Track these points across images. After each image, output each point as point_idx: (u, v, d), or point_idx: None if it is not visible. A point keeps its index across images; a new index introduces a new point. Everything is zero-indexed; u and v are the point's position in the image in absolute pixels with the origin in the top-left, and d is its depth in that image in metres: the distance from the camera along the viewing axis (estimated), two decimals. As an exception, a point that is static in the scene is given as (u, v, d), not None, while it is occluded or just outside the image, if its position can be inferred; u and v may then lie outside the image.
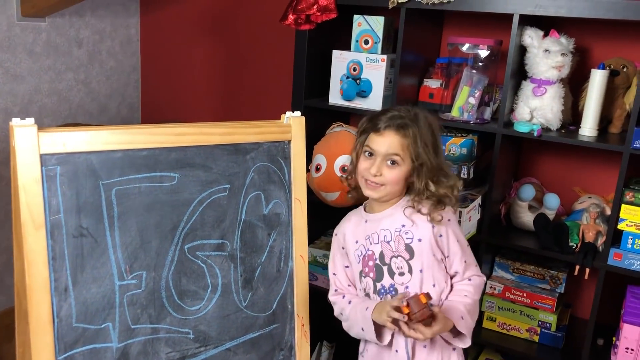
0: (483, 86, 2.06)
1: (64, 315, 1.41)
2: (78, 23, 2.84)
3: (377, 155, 1.47)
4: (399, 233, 1.51)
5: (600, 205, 2.03)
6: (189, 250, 1.59)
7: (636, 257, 1.84)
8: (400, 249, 1.51)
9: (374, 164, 1.46)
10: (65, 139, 1.39)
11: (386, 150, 1.45)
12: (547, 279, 2.14)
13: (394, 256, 1.51)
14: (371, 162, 1.47)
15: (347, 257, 1.62)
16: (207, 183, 1.60)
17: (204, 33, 2.95)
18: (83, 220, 1.42)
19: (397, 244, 1.51)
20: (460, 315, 1.47)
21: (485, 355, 2.28)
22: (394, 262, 1.51)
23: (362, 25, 2.21)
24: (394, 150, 1.45)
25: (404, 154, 1.45)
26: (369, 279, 1.57)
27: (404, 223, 1.51)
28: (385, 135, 1.45)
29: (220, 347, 1.66)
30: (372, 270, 1.55)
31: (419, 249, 1.50)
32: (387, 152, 1.45)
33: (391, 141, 1.45)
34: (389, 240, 1.52)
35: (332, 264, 1.66)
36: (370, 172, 1.47)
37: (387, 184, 1.47)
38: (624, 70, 1.99)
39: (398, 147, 1.45)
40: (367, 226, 1.57)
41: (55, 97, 2.81)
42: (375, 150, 1.47)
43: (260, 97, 2.86)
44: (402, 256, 1.51)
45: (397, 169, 1.46)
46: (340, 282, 1.65)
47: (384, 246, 1.53)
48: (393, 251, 1.51)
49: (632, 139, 1.78)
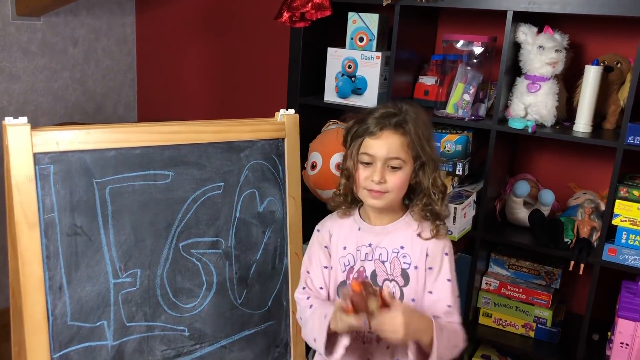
0: (478, 83, 2.07)
1: (59, 314, 1.42)
2: (73, 22, 2.84)
3: (376, 160, 1.33)
4: (396, 255, 1.39)
5: (595, 201, 2.03)
6: (183, 248, 1.59)
7: (630, 252, 1.85)
8: (396, 273, 1.38)
9: (376, 171, 1.32)
10: (58, 138, 1.39)
11: (387, 154, 1.32)
12: (542, 274, 2.15)
13: (387, 279, 1.39)
14: (371, 170, 1.33)
15: (329, 258, 1.46)
16: (201, 181, 1.61)
17: (200, 31, 2.95)
18: (77, 219, 1.43)
19: (393, 267, 1.39)
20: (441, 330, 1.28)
21: (481, 351, 2.29)
22: (387, 285, 1.38)
23: (357, 22, 2.21)
24: (395, 152, 1.32)
25: (405, 154, 1.33)
26: None
27: (403, 244, 1.39)
28: (383, 137, 1.32)
29: (215, 345, 1.67)
30: None
31: (415, 276, 1.38)
32: (387, 155, 1.32)
33: (390, 143, 1.32)
34: (384, 260, 1.39)
35: (308, 261, 1.49)
36: (373, 181, 1.32)
37: (392, 190, 1.33)
38: (618, 66, 1.99)
39: (399, 148, 1.32)
40: (360, 235, 1.42)
41: (50, 96, 2.81)
42: (374, 156, 1.33)
43: (256, 95, 2.86)
44: (397, 281, 1.38)
45: (400, 172, 1.33)
46: (312, 282, 1.47)
47: (377, 265, 1.39)
48: (388, 274, 1.39)
49: (626, 135, 1.78)
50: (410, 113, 1.35)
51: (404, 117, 1.34)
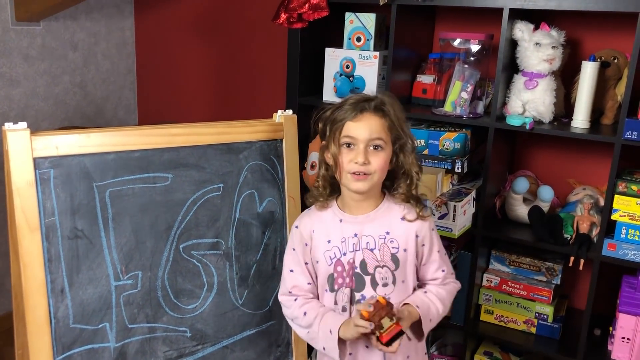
0: (475, 80, 2.07)
1: (61, 317, 1.43)
2: (73, 26, 2.85)
3: (358, 142, 1.35)
4: (383, 241, 1.41)
5: (594, 197, 2.04)
6: (184, 250, 1.60)
7: (630, 247, 1.85)
8: (386, 259, 1.41)
9: (359, 153, 1.34)
10: (58, 142, 1.40)
11: (369, 135, 1.34)
12: (543, 270, 2.15)
13: (379, 266, 1.41)
14: (355, 152, 1.35)
15: (309, 254, 1.47)
16: (201, 183, 1.62)
17: (199, 33, 2.97)
18: (78, 222, 1.44)
19: (383, 253, 1.41)
20: (429, 318, 1.41)
21: (483, 347, 2.29)
22: (379, 272, 1.41)
23: (354, 22, 2.22)
24: (377, 133, 1.35)
25: (385, 135, 1.36)
26: (346, 289, 1.42)
27: (388, 230, 1.42)
28: (364, 119, 1.35)
29: (217, 345, 1.68)
30: (351, 280, 1.42)
31: (404, 259, 1.42)
32: (370, 137, 1.34)
33: (372, 124, 1.35)
34: (372, 248, 1.41)
35: (290, 259, 1.50)
36: (357, 163, 1.34)
37: (375, 171, 1.36)
38: (614, 61, 1.99)
39: (380, 129, 1.35)
40: (344, 227, 1.43)
41: (51, 100, 2.82)
42: (356, 138, 1.34)
43: (255, 97, 2.87)
44: (388, 266, 1.41)
45: (382, 152, 1.36)
46: (297, 281, 1.48)
47: (366, 254, 1.41)
48: (378, 261, 1.41)
49: (624, 130, 1.78)
50: (385, 97, 1.40)
51: (381, 100, 1.38)
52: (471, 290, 2.11)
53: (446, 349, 2.34)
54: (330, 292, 1.45)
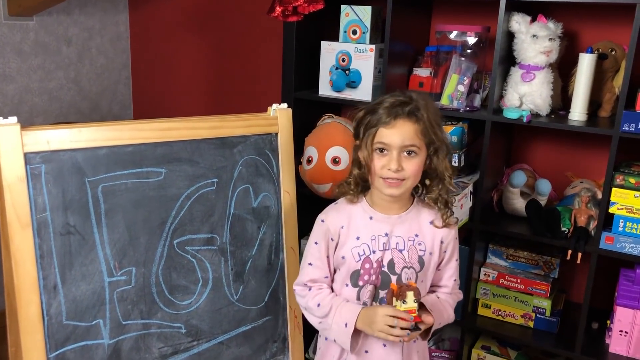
0: (472, 73, 2.06)
1: (54, 313, 1.41)
2: (66, 21, 2.83)
3: (391, 149, 1.34)
4: (412, 243, 1.43)
5: (591, 190, 2.03)
6: (178, 245, 1.59)
7: (628, 240, 1.84)
8: (413, 260, 1.43)
9: (392, 159, 1.34)
10: (49, 137, 1.39)
11: (402, 142, 1.34)
12: (540, 264, 2.14)
13: (405, 267, 1.43)
14: (388, 158, 1.35)
15: (333, 249, 1.46)
16: (195, 177, 1.60)
17: (193, 28, 2.94)
18: (70, 218, 1.42)
19: (411, 255, 1.43)
20: (439, 322, 1.45)
21: (481, 342, 2.29)
22: (405, 272, 1.43)
23: (350, 15, 2.20)
24: (410, 140, 1.34)
25: (419, 141, 1.35)
26: (369, 286, 1.43)
27: (417, 232, 1.44)
28: (398, 125, 1.34)
29: (212, 341, 1.67)
30: (377, 278, 1.43)
31: (428, 261, 1.45)
32: (402, 143, 1.34)
33: (406, 131, 1.34)
34: (401, 249, 1.43)
35: (311, 252, 1.48)
36: (390, 169, 1.34)
37: (409, 177, 1.36)
38: (612, 53, 1.98)
39: (413, 136, 1.34)
40: (374, 225, 1.44)
41: (45, 96, 2.80)
42: (389, 144, 1.34)
43: (251, 91, 2.85)
44: (414, 268, 1.44)
45: (416, 158, 1.36)
46: (315, 274, 1.48)
47: (395, 254, 1.43)
48: (406, 262, 1.43)
49: (621, 122, 1.77)
50: (420, 100, 1.38)
51: (415, 105, 1.36)
52: (469, 285, 2.10)
53: (444, 343, 2.33)
54: (352, 287, 1.45)
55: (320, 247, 1.46)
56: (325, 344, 1.54)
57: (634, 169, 1.89)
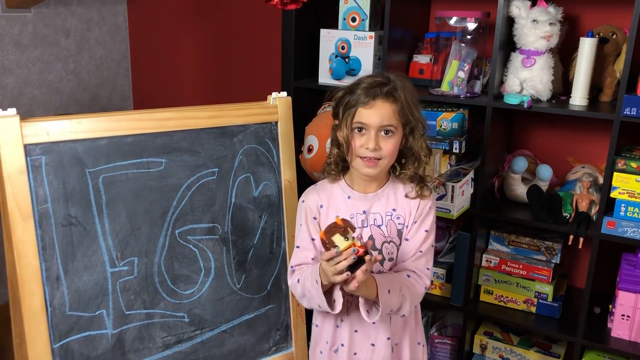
0: (472, 59, 2.05)
1: (57, 304, 1.42)
2: (64, 12, 2.82)
3: (369, 128, 1.37)
4: (390, 218, 1.46)
5: (593, 175, 2.02)
6: (180, 235, 1.59)
7: (629, 225, 1.84)
8: (392, 234, 1.46)
9: (370, 139, 1.36)
10: (48, 128, 1.39)
11: (380, 122, 1.36)
12: (542, 250, 2.15)
13: (385, 242, 1.46)
14: (366, 138, 1.37)
15: (316, 228, 1.47)
16: (195, 167, 1.60)
17: (192, 17, 2.93)
18: (71, 209, 1.43)
19: (390, 229, 1.46)
20: (387, 289, 1.35)
21: (483, 328, 2.29)
22: (386, 247, 1.46)
23: (349, 2, 2.19)
24: (388, 120, 1.36)
25: (396, 121, 1.38)
26: None
27: (394, 207, 1.46)
28: (376, 106, 1.36)
29: (216, 330, 1.67)
30: None
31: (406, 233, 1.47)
32: (381, 123, 1.36)
33: (384, 111, 1.36)
34: (379, 224, 1.46)
35: (298, 236, 1.49)
36: (368, 148, 1.36)
37: (385, 157, 1.38)
38: (613, 37, 1.97)
39: (391, 115, 1.37)
40: (351, 204, 1.46)
41: (45, 88, 2.80)
42: (367, 124, 1.37)
43: (251, 80, 2.85)
44: (394, 242, 1.46)
45: (392, 138, 1.38)
46: (302, 256, 1.47)
47: (374, 230, 1.46)
48: (385, 236, 1.45)
49: (622, 107, 1.76)
50: (397, 81, 1.40)
51: (393, 86, 1.39)
52: (470, 271, 2.10)
53: (446, 329, 2.34)
54: None
55: (304, 228, 1.47)
56: (317, 332, 1.54)
57: (636, 153, 1.89)
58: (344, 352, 1.49)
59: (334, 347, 1.51)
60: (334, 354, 1.51)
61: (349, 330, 1.48)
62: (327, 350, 1.51)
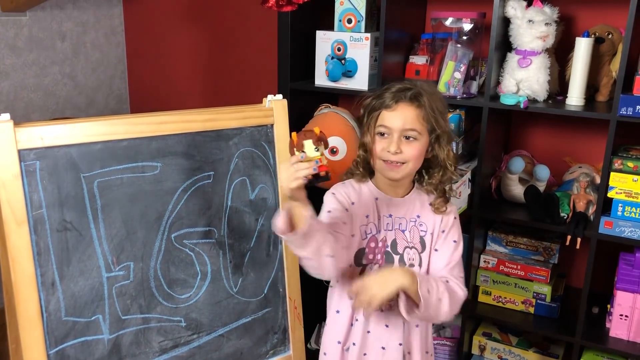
0: (468, 60, 2.04)
1: (53, 310, 1.41)
2: (60, 16, 2.81)
3: (392, 132, 1.36)
4: (414, 224, 1.46)
5: (590, 175, 2.02)
6: (175, 239, 1.58)
7: (627, 224, 1.84)
8: (415, 240, 1.45)
9: (392, 142, 1.35)
10: (42, 133, 1.38)
11: (402, 126, 1.35)
12: (540, 250, 2.14)
13: (408, 247, 1.45)
14: (388, 141, 1.36)
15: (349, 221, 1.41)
16: (191, 171, 1.60)
17: (188, 20, 2.93)
18: (66, 214, 1.42)
19: (413, 235, 1.45)
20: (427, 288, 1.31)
21: (482, 328, 2.29)
22: (407, 252, 1.45)
23: (345, 4, 2.18)
24: (411, 124, 1.35)
25: (420, 126, 1.36)
26: (374, 266, 1.44)
27: (419, 214, 1.46)
28: (399, 109, 1.36)
29: (213, 334, 1.67)
30: (382, 257, 1.45)
31: (430, 242, 1.46)
32: (403, 127, 1.35)
33: (406, 114, 1.35)
34: (404, 229, 1.45)
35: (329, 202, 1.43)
36: (389, 152, 1.36)
37: (408, 161, 1.37)
38: (609, 37, 1.96)
39: (414, 120, 1.36)
40: (379, 205, 1.45)
41: (41, 92, 2.79)
42: (390, 128, 1.36)
43: (248, 82, 2.84)
44: (416, 248, 1.46)
45: (415, 143, 1.36)
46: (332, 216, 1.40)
47: (398, 234, 1.45)
48: (408, 242, 1.45)
49: (619, 106, 1.76)
50: (425, 87, 1.40)
51: (418, 91, 1.38)
52: (468, 272, 2.10)
53: (445, 331, 2.34)
54: (355, 267, 1.45)
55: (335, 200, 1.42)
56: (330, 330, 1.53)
57: (632, 153, 1.88)
58: (355, 352, 1.48)
59: (345, 345, 1.50)
60: (346, 353, 1.50)
61: (362, 331, 1.48)
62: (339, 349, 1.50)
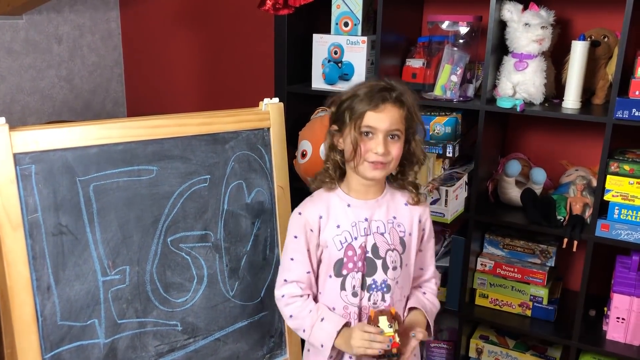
0: (465, 63, 2.05)
1: (48, 314, 1.41)
2: (56, 19, 2.81)
3: (377, 132, 1.35)
4: (392, 225, 1.45)
5: (586, 177, 2.02)
6: (172, 243, 1.58)
7: (623, 227, 1.84)
8: (395, 242, 1.44)
9: (379, 143, 1.35)
10: (38, 137, 1.38)
11: (388, 127, 1.35)
12: (537, 253, 2.14)
13: (389, 249, 1.44)
14: (374, 142, 1.35)
15: (315, 239, 1.44)
16: (187, 174, 1.59)
17: (185, 23, 2.93)
18: (62, 218, 1.42)
19: (393, 237, 1.44)
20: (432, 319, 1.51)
21: (479, 332, 2.29)
22: (389, 255, 1.43)
23: (341, 7, 2.19)
24: (396, 124, 1.36)
25: (402, 126, 1.38)
26: (356, 274, 1.42)
27: (395, 215, 1.45)
28: (386, 110, 1.35)
29: (209, 338, 1.66)
30: (362, 264, 1.42)
31: (409, 242, 1.46)
32: (389, 128, 1.35)
33: (392, 115, 1.36)
34: (382, 232, 1.44)
35: (291, 247, 1.45)
36: (377, 153, 1.35)
37: (392, 160, 1.38)
38: (605, 40, 1.97)
39: (398, 120, 1.37)
40: (351, 212, 1.43)
41: (37, 95, 2.79)
42: (376, 128, 1.35)
43: (244, 86, 2.84)
44: (397, 250, 1.44)
45: (398, 142, 1.38)
46: (297, 269, 1.45)
47: (377, 238, 1.43)
48: (389, 244, 1.44)
49: (615, 109, 1.76)
50: (400, 86, 1.40)
51: (400, 91, 1.38)
52: (465, 275, 2.10)
53: (442, 334, 2.33)
54: (336, 278, 1.44)
55: (300, 240, 1.44)
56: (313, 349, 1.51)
57: (629, 156, 1.89)
58: None
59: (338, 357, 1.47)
60: None
61: None
62: None
